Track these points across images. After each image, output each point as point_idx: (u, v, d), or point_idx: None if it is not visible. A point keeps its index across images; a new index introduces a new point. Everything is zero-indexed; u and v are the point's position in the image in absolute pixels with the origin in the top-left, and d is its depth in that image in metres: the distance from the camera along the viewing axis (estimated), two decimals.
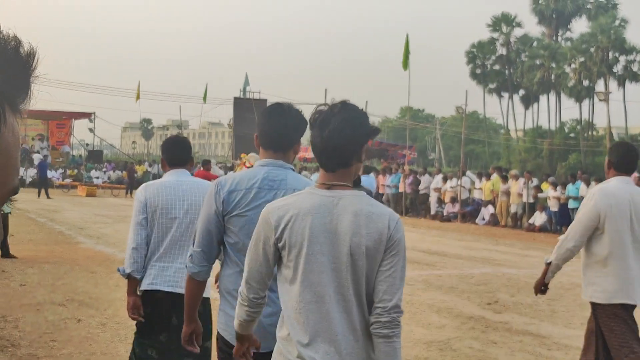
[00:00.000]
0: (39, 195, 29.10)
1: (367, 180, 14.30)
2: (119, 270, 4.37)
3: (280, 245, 2.54)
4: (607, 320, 4.59)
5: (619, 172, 4.70)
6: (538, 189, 22.53)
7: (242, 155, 12.98)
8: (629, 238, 4.56)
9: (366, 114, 2.64)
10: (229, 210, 3.10)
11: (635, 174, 20.60)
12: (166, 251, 4.21)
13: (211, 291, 4.06)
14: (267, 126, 3.19)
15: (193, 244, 3.18)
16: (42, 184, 30.45)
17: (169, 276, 4.19)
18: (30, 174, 38.47)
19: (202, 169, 16.70)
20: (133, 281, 4.27)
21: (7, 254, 11.65)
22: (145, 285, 4.22)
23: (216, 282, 3.42)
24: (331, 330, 2.47)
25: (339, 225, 2.48)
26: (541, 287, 4.94)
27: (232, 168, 26.67)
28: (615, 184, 4.66)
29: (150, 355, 4.27)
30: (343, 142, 2.49)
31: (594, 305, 4.68)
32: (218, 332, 3.23)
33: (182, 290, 3.57)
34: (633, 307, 4.62)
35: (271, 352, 2.69)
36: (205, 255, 3.13)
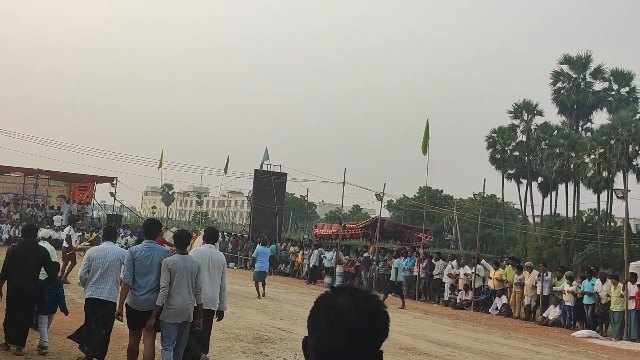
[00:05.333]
0: None
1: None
2: (78, 283, 9.39)
3: None
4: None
5: (207, 242, 9.35)
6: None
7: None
8: (207, 275, 8.77)
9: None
10: (135, 259, 8.12)
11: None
12: (98, 279, 8.91)
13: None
14: (147, 229, 8.67)
15: (123, 272, 8.35)
16: None
17: (98, 291, 8.88)
18: (59, 236, 38.54)
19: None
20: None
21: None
22: (87, 295, 8.98)
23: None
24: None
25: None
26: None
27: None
28: (204, 247, 9.25)
29: (92, 328, 8.88)
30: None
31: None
32: (127, 304, 8.15)
33: (104, 298, 8.89)
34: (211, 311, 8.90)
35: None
36: (130, 275, 8.10)
